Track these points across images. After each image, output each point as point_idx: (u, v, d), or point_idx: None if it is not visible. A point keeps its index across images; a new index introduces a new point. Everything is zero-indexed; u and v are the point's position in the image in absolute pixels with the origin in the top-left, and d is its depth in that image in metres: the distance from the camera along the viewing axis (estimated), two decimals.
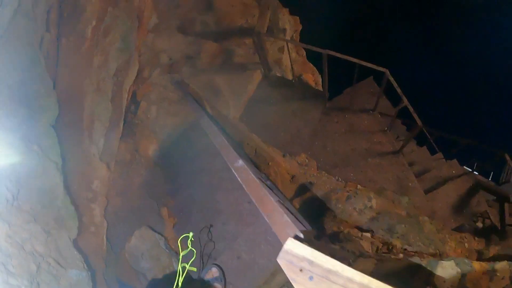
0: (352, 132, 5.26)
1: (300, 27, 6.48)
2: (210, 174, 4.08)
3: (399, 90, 4.13)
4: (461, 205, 5.20)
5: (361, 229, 3.96)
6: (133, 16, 5.92)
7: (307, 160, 4.91)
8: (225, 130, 4.82)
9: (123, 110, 4.80)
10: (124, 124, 4.83)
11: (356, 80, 4.91)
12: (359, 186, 4.64)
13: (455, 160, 5.61)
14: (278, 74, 5.56)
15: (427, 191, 5.25)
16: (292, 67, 5.11)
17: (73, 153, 3.84)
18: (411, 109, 4.08)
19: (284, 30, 5.97)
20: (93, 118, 4.27)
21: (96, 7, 5.44)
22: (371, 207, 4.18)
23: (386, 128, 5.23)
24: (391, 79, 4.14)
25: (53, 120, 3.67)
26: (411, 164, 5.51)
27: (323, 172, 5.02)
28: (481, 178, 6.15)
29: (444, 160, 5.83)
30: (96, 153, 4.18)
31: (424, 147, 6.07)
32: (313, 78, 5.79)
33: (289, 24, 6.28)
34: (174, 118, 5.14)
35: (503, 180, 6.64)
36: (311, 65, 6.11)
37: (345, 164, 5.13)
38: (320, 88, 6.11)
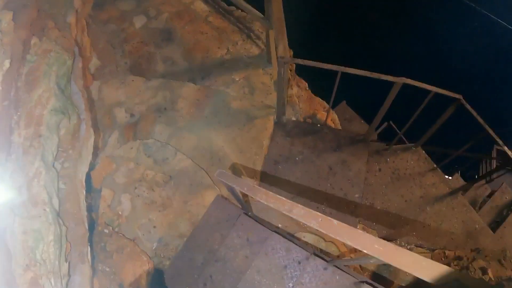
0: (400, 179, 4.14)
1: (291, 52, 5.22)
2: None
3: (480, 119, 3.17)
4: None
5: None
6: (73, 51, 3.99)
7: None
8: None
9: (86, 225, 2.88)
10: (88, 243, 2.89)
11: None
12: (447, 252, 3.49)
13: (504, 184, 4.90)
14: (293, 118, 4.19)
15: (491, 228, 4.39)
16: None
17: None
18: (500, 142, 3.15)
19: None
20: (36, 273, 2.28)
21: (10, 37, 3.40)
22: (490, 279, 3.06)
23: (435, 166, 4.25)
24: (468, 106, 3.14)
25: None
26: None
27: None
28: None
29: (487, 185, 5.09)
30: None
31: (456, 174, 5.25)
32: (330, 116, 4.55)
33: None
34: (165, 212, 3.35)
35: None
36: (319, 99, 4.86)
37: (403, 222, 3.97)
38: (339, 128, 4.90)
